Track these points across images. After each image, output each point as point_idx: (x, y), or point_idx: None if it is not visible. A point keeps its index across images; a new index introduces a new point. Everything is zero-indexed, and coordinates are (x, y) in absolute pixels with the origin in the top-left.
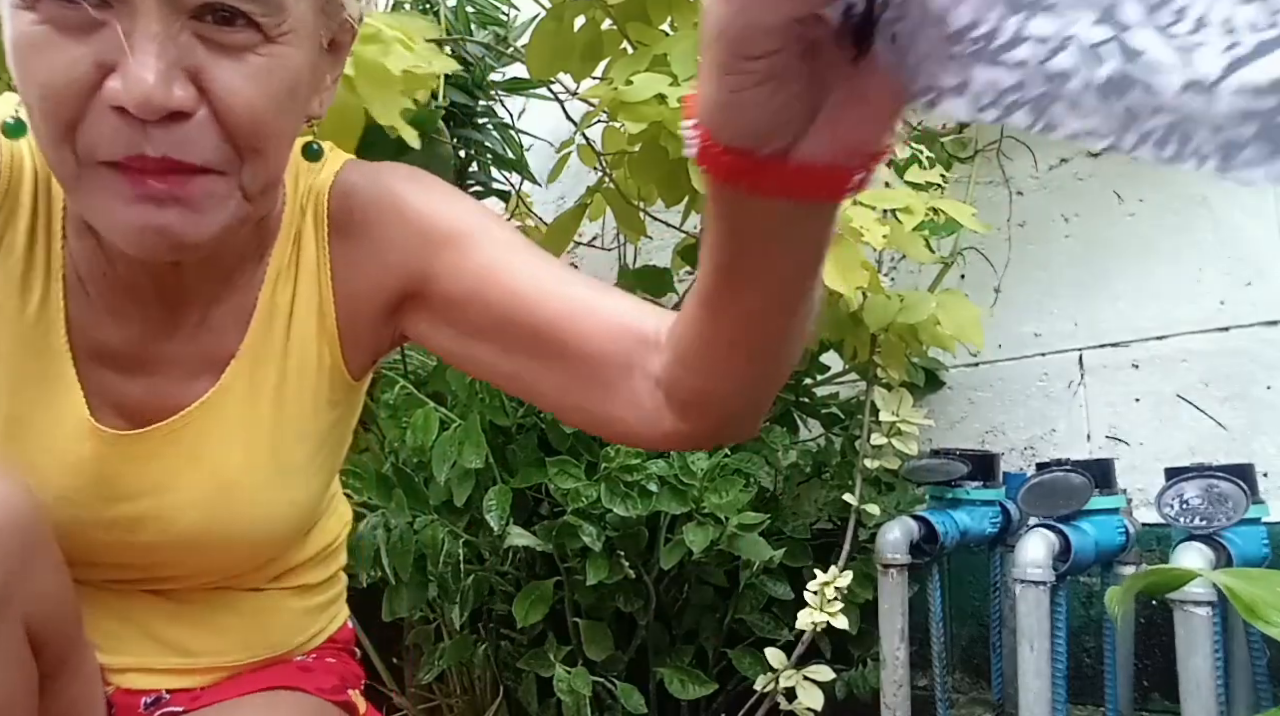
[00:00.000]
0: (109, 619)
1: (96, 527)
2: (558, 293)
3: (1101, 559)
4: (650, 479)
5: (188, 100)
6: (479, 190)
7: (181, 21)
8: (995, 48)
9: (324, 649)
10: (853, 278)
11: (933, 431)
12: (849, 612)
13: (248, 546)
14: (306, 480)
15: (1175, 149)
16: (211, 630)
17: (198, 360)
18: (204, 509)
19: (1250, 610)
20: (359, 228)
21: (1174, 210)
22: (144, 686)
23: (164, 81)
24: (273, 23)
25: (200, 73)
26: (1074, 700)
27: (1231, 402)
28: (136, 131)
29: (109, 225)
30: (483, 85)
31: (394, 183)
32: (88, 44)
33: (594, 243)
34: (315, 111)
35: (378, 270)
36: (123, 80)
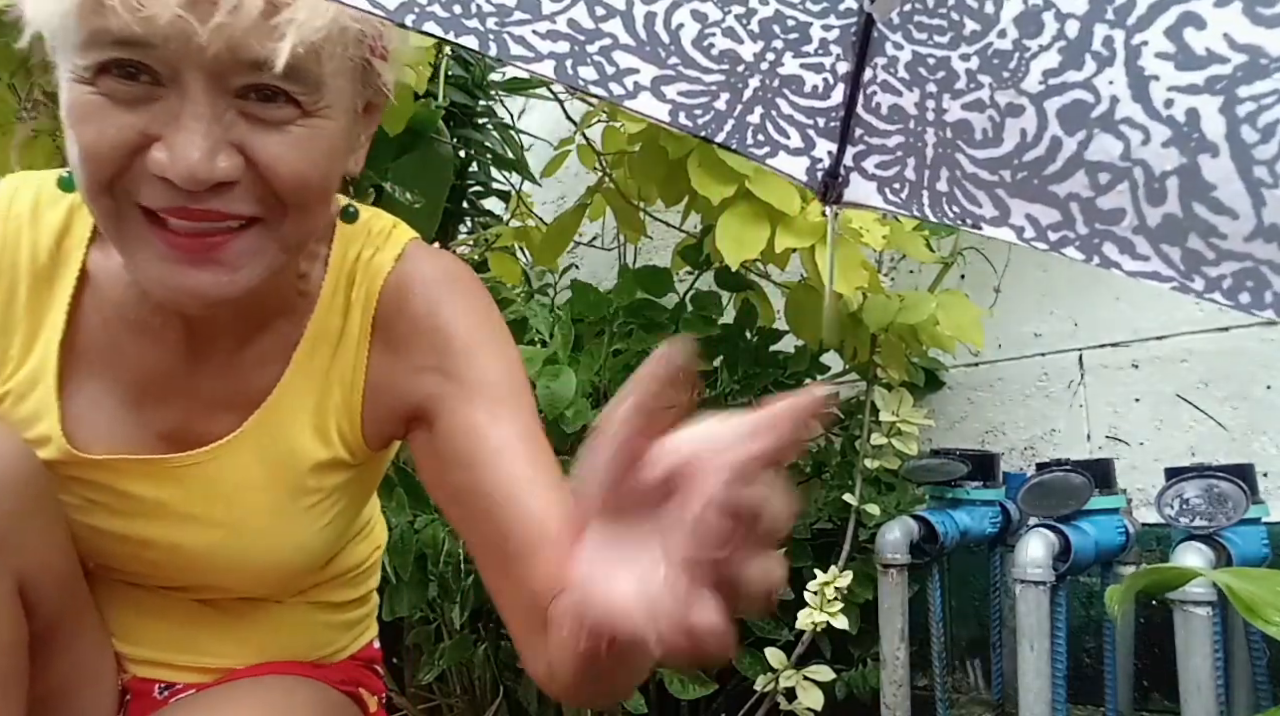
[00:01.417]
0: (127, 611)
1: (110, 538)
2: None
3: (1101, 559)
4: None
5: (232, 171)
6: (479, 190)
7: (227, 100)
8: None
9: (343, 664)
10: (853, 278)
11: (933, 431)
12: (849, 612)
13: (254, 577)
14: (317, 529)
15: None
16: (229, 634)
17: (223, 396)
18: (211, 543)
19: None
20: (403, 338)
21: None
22: (156, 677)
23: (208, 157)
24: (311, 100)
25: (244, 145)
26: (1074, 700)
27: (1231, 402)
28: (180, 196)
29: (145, 277)
30: (483, 85)
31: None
32: (137, 115)
33: (594, 243)
34: (352, 169)
35: (409, 377)
36: (169, 153)
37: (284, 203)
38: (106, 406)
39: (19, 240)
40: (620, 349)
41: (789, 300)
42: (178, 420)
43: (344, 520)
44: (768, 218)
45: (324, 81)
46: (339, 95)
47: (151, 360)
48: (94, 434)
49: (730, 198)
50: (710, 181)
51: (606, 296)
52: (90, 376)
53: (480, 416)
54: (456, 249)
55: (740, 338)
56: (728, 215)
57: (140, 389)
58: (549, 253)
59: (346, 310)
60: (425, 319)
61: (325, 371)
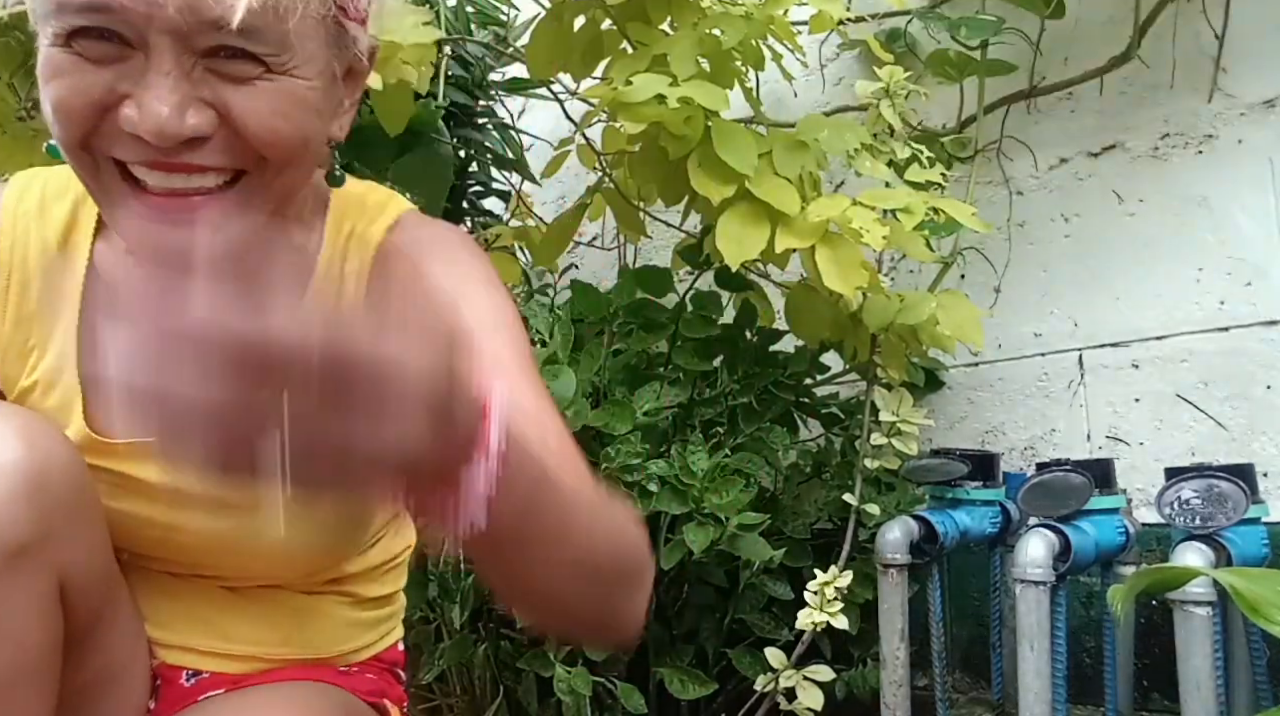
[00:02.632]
0: (157, 597)
1: (140, 522)
2: None
3: (1101, 559)
4: (650, 479)
5: (203, 125)
6: (479, 190)
7: (193, 59)
8: None
9: (367, 664)
10: (853, 278)
11: (933, 431)
12: (849, 612)
13: (283, 562)
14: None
15: None
16: (255, 621)
17: None
18: (234, 526)
19: (1253, 608)
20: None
21: (1174, 210)
22: (184, 664)
23: (177, 112)
24: (278, 59)
25: (214, 101)
26: (1074, 700)
27: (1231, 402)
28: (153, 151)
29: (125, 236)
30: (483, 85)
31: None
32: (107, 72)
33: (594, 243)
34: (335, 134)
35: None
36: (138, 110)
37: (262, 157)
38: None
39: (28, 237)
40: (620, 349)
41: (789, 300)
42: None
43: None
44: (768, 218)
45: (289, 40)
46: (310, 56)
47: None
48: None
49: (730, 198)
50: (710, 181)
51: (606, 296)
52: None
53: None
54: None
55: (740, 337)
56: (728, 215)
57: None
58: (549, 253)
59: (342, 281)
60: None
61: None
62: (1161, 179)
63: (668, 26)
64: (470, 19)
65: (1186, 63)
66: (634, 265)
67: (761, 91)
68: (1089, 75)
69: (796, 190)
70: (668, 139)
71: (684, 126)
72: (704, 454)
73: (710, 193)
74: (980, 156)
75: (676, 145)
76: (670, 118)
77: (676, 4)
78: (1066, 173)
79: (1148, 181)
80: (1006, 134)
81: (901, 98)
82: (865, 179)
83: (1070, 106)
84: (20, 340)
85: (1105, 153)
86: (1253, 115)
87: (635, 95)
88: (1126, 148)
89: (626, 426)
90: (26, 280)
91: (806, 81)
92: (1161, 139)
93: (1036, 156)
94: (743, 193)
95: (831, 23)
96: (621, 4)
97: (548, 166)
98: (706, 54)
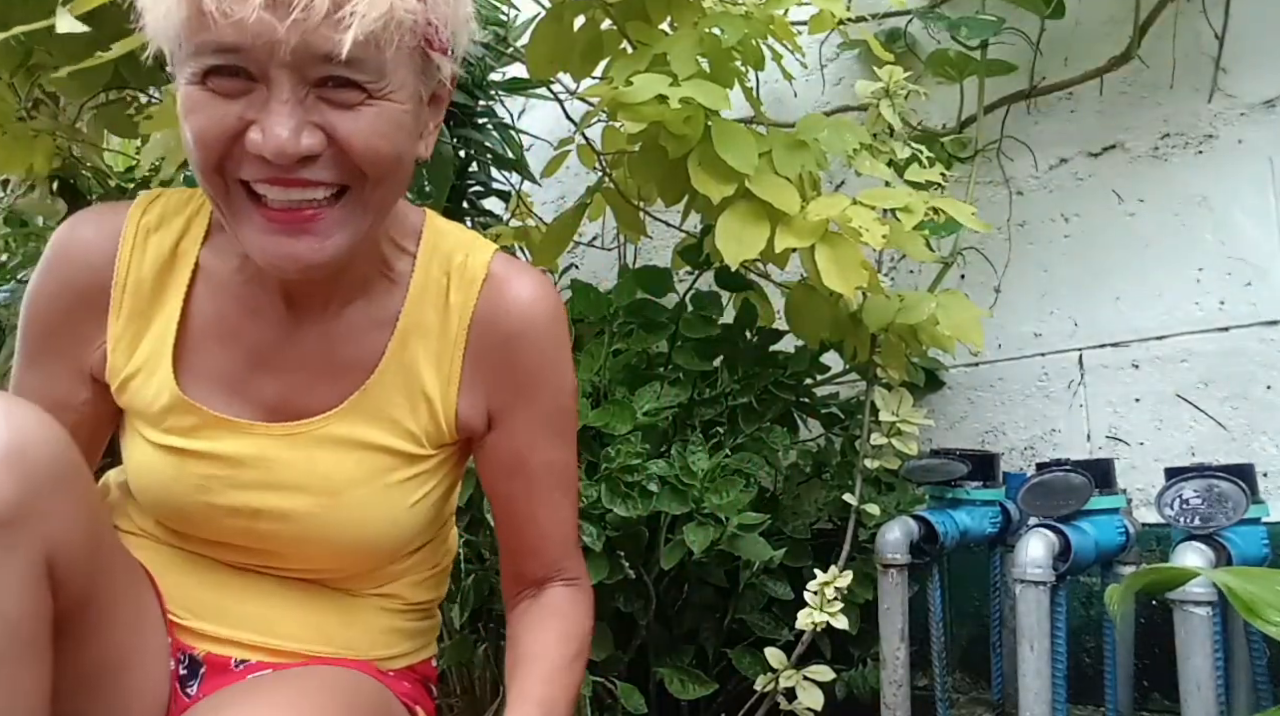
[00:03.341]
0: (206, 590)
1: (224, 512)
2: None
3: (1101, 559)
4: (650, 479)
5: (315, 145)
6: (479, 190)
7: (307, 88)
8: None
9: (402, 673)
10: (852, 278)
11: (933, 431)
12: (849, 612)
13: (353, 551)
14: (408, 506)
15: None
16: (300, 618)
17: (321, 370)
18: (315, 511)
19: (1250, 609)
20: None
21: (1174, 210)
22: (230, 655)
23: (295, 134)
24: (377, 86)
25: (324, 124)
26: (1074, 700)
27: (1231, 402)
28: (274, 169)
29: (250, 247)
30: (483, 85)
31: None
32: (236, 105)
33: (594, 243)
34: (422, 154)
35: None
36: (262, 134)
37: (363, 172)
38: (219, 379)
39: (146, 245)
40: (620, 349)
41: (789, 300)
42: (282, 392)
43: (432, 503)
44: (768, 217)
45: (386, 69)
46: (403, 82)
47: (256, 335)
48: (210, 403)
49: (730, 197)
50: (710, 181)
51: (606, 296)
52: (204, 353)
53: (534, 436)
54: None
55: (740, 337)
56: (727, 215)
57: (247, 363)
58: (549, 253)
59: (445, 308)
60: (514, 340)
61: (423, 360)
62: (1161, 179)
63: (668, 26)
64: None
65: (1186, 63)
66: (634, 265)
67: (761, 91)
68: (1089, 75)
69: (796, 190)
70: (668, 139)
71: (684, 126)
72: (704, 454)
73: (710, 192)
74: (980, 156)
75: (676, 145)
76: (670, 117)
77: (676, 4)
78: (1066, 173)
79: (1148, 181)
80: (1006, 134)
81: (901, 98)
82: (865, 179)
83: (1070, 106)
84: (130, 334)
85: (1105, 153)
86: (1253, 115)
87: (635, 95)
88: (1126, 148)
89: (626, 426)
90: (140, 282)
91: (806, 81)
92: (1161, 139)
93: (1036, 156)
94: (743, 192)
95: (831, 23)
96: (621, 4)
97: (548, 166)
98: (706, 54)
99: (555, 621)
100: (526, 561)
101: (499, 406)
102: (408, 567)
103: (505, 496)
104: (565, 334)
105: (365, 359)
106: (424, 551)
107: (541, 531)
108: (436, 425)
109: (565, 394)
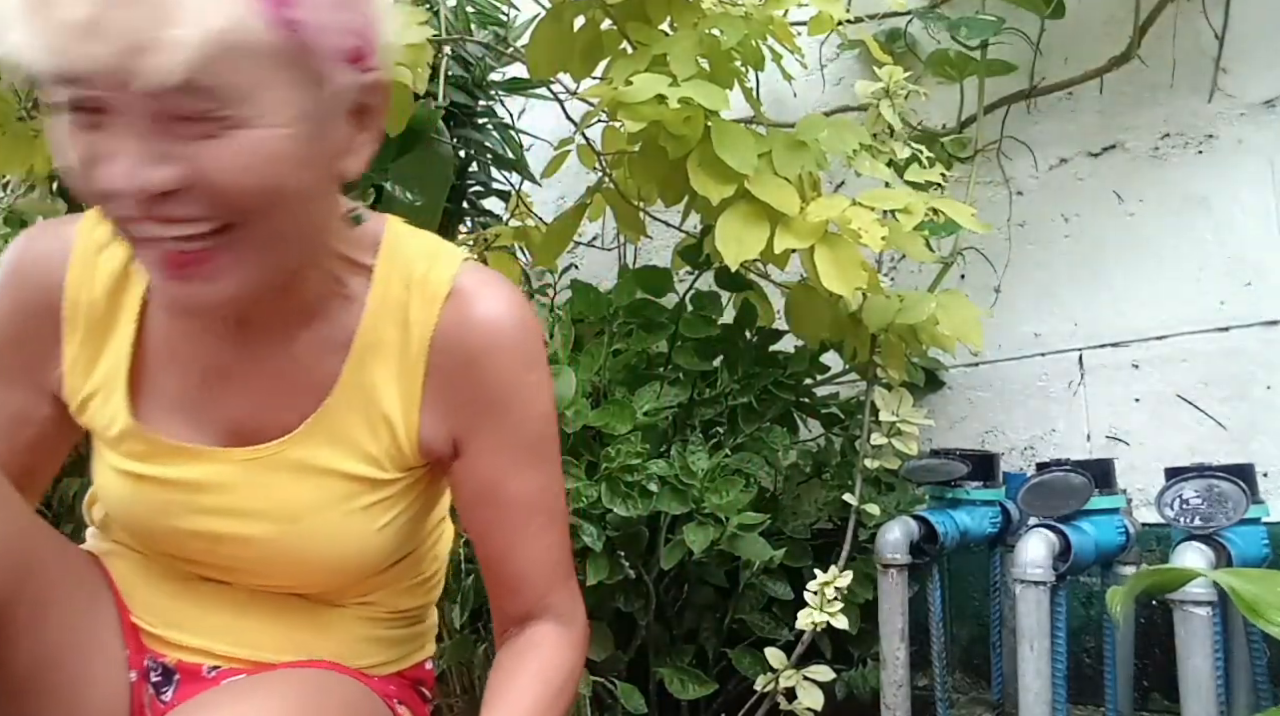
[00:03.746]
0: (176, 599)
1: (186, 536)
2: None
3: (1101, 559)
4: (651, 479)
5: (168, 179)
6: (479, 190)
7: (152, 120)
8: None
9: (389, 679)
10: (852, 278)
11: (933, 431)
12: (849, 612)
13: (320, 572)
14: (375, 530)
15: None
16: (275, 630)
17: (280, 392)
18: (276, 537)
19: (1252, 609)
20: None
21: (1174, 210)
22: (202, 662)
23: (139, 168)
24: (232, 112)
25: (177, 156)
26: (1074, 700)
27: (1231, 402)
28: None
29: (153, 285)
30: (483, 85)
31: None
32: (91, 137)
33: (594, 243)
34: (345, 173)
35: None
36: (108, 169)
37: (237, 208)
38: (175, 401)
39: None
40: (620, 349)
41: (789, 300)
42: (239, 415)
43: (401, 526)
44: (767, 218)
45: (241, 92)
46: (279, 103)
47: (211, 356)
48: (166, 429)
49: (730, 198)
50: (710, 181)
51: (606, 296)
52: (160, 374)
53: (504, 464)
54: None
55: (740, 337)
56: (727, 215)
57: (204, 384)
58: (549, 253)
59: (405, 324)
60: (479, 359)
61: (382, 380)
62: (1161, 179)
63: (668, 26)
64: (470, 19)
65: (1186, 63)
66: (634, 265)
67: (761, 91)
68: (1089, 75)
69: (796, 190)
70: (667, 139)
71: (684, 126)
72: (704, 454)
73: (710, 193)
74: (980, 156)
75: (676, 145)
76: (670, 118)
77: (676, 4)
78: (1066, 173)
79: (1148, 181)
80: (1006, 134)
81: (901, 98)
82: (865, 179)
83: (1070, 106)
84: (87, 356)
85: (1105, 153)
86: (1253, 115)
87: (635, 95)
88: (1126, 148)
89: (626, 426)
90: (94, 302)
91: (806, 81)
92: (1161, 139)
93: (1036, 156)
94: (742, 193)
95: (831, 23)
96: (621, 4)
97: (548, 166)
98: (706, 54)
99: (532, 659)
100: (508, 598)
101: (464, 431)
102: (389, 579)
103: (480, 529)
104: (538, 352)
105: (322, 381)
106: (406, 562)
107: (521, 566)
108: (399, 448)
109: (537, 418)
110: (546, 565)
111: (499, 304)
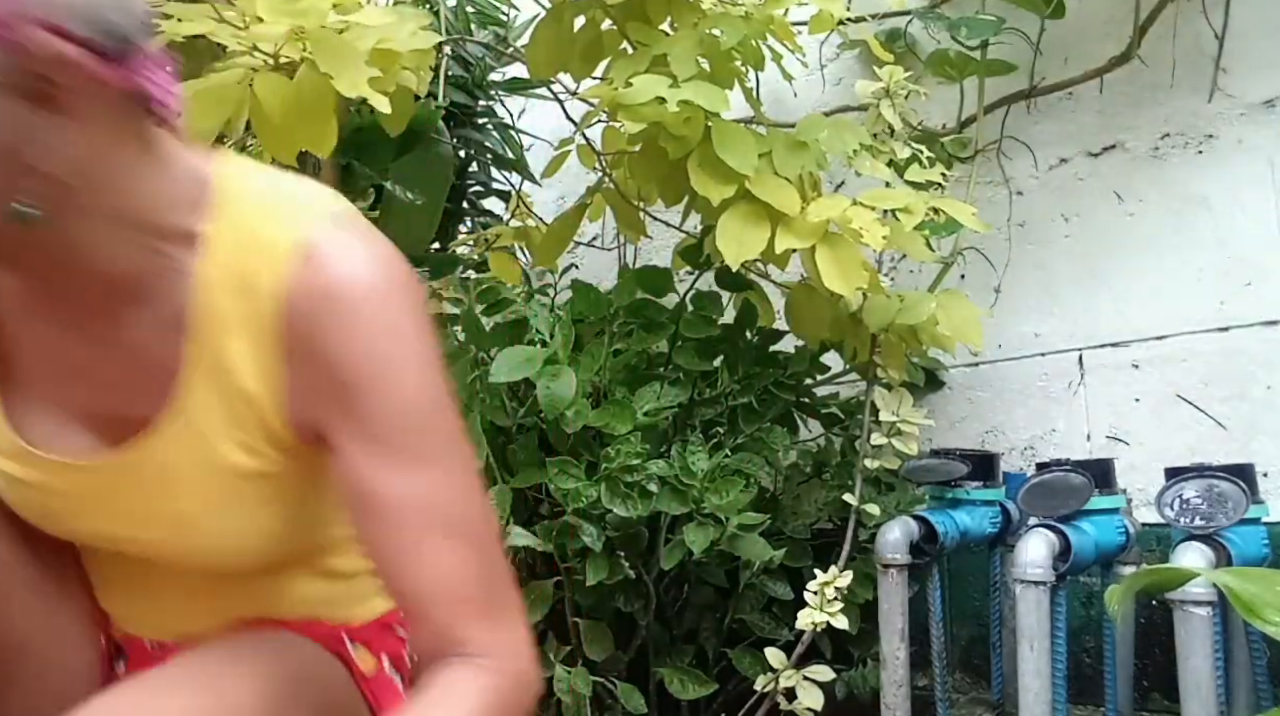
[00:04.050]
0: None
1: (83, 535)
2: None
3: (1101, 559)
4: (650, 479)
5: None
6: (479, 190)
7: None
8: None
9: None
10: (853, 278)
11: (933, 431)
12: (849, 612)
13: (232, 561)
14: (262, 518)
15: None
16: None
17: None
18: (169, 538)
19: (1250, 609)
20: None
21: (1174, 210)
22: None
23: None
24: None
25: None
26: (1074, 700)
27: (1231, 402)
28: None
29: None
30: (483, 85)
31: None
32: None
33: (594, 243)
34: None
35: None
36: None
37: None
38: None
39: None
40: (620, 349)
41: (789, 300)
42: (100, 409)
43: (293, 506)
44: (768, 218)
45: None
46: None
47: (62, 352)
48: (39, 431)
49: (730, 198)
50: (710, 181)
51: (606, 296)
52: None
53: (372, 461)
54: (456, 249)
55: (740, 337)
56: (728, 215)
57: (60, 381)
58: (549, 253)
59: (248, 291)
60: (330, 332)
61: (238, 353)
62: (1161, 179)
63: (668, 27)
64: (470, 19)
65: (1186, 63)
66: (634, 265)
67: (761, 91)
68: (1089, 75)
69: (796, 190)
70: (668, 139)
71: (684, 127)
72: (704, 454)
73: (710, 193)
74: (980, 156)
75: (676, 145)
76: (670, 118)
77: (676, 4)
78: (1066, 173)
79: (1148, 181)
80: (1006, 134)
81: (901, 98)
82: (865, 179)
83: (1070, 106)
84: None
85: (1105, 153)
86: (1253, 115)
87: (635, 96)
88: (1126, 148)
89: (626, 426)
90: None
91: (806, 81)
92: (1161, 139)
93: (1036, 156)
94: (743, 193)
95: (831, 23)
96: (621, 4)
97: (548, 166)
98: (706, 54)
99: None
100: (411, 629)
101: (323, 418)
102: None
103: (366, 545)
104: (406, 322)
105: (169, 364)
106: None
107: (414, 590)
108: (267, 427)
109: (407, 403)
110: (448, 590)
111: (351, 262)
